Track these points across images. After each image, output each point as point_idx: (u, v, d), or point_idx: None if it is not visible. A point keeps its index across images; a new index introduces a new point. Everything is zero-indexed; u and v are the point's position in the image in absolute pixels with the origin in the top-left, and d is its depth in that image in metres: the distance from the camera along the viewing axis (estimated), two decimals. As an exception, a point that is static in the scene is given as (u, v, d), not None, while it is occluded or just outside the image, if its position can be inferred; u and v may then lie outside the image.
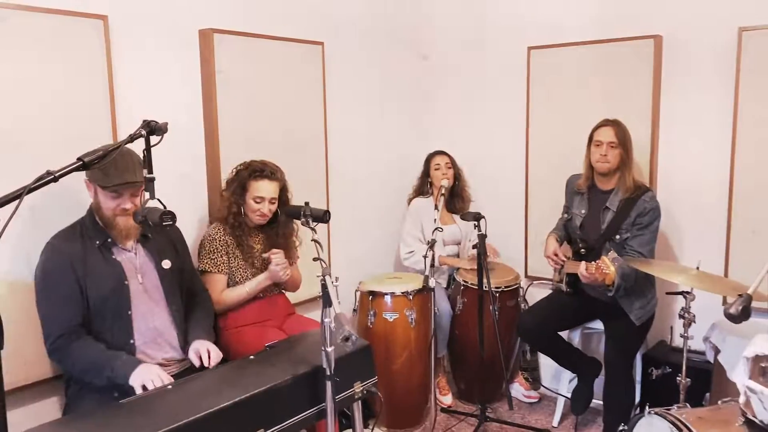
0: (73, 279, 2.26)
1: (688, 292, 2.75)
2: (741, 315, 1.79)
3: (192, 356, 2.40)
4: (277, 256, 2.82)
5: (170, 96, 2.88)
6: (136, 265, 2.42)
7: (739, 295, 1.82)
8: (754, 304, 1.90)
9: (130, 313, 2.35)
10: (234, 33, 3.04)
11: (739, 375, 2.28)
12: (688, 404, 2.72)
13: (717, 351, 2.91)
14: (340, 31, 3.68)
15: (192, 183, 3.04)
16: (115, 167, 2.19)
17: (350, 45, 3.77)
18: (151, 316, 2.41)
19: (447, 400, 3.84)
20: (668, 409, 2.46)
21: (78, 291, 2.26)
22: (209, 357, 2.37)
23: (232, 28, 3.04)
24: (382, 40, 4.00)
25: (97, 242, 2.33)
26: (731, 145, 3.26)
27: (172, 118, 2.09)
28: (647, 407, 2.50)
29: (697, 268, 2.69)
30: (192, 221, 3.00)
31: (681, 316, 2.78)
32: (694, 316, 2.76)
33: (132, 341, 2.34)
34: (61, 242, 2.30)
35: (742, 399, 2.12)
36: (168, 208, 1.98)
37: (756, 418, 1.52)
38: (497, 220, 3.90)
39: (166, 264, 2.49)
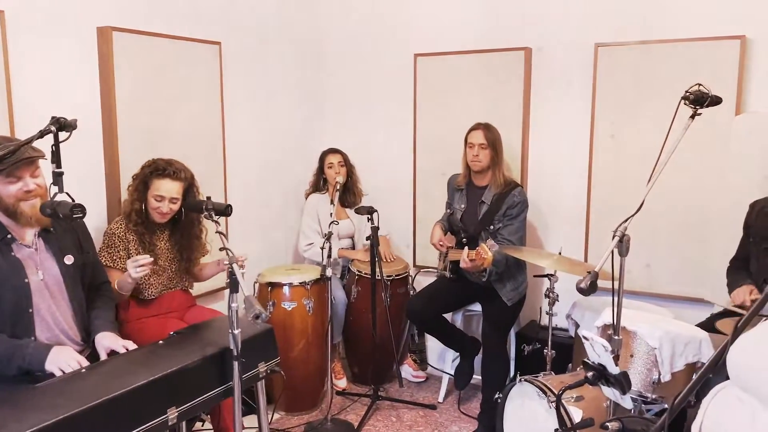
0: None
1: (552, 275, 3.16)
2: (589, 288, 2.13)
3: (101, 351, 2.42)
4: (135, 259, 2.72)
5: (69, 92, 2.91)
6: (37, 260, 2.38)
7: (588, 272, 2.17)
8: (602, 284, 2.27)
9: (31, 311, 2.32)
10: (133, 31, 3.10)
11: (592, 343, 2.68)
12: (552, 372, 3.13)
13: (577, 326, 3.34)
14: (236, 32, 3.80)
15: (90, 179, 3.05)
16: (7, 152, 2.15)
17: (246, 45, 3.89)
18: (53, 312, 2.39)
19: (342, 383, 4.06)
20: (536, 376, 2.83)
21: None
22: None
23: (131, 26, 3.09)
24: (277, 41, 4.15)
25: None
26: (589, 146, 3.71)
27: (70, 114, 2.12)
28: (518, 375, 2.87)
29: (559, 253, 3.10)
30: (89, 216, 3.00)
31: (546, 296, 3.18)
32: (557, 295, 3.17)
33: (33, 338, 2.32)
34: None
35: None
36: (77, 202, 2.07)
37: (589, 360, 1.88)
38: (388, 214, 4.21)
39: (69, 260, 2.47)
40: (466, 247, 3.30)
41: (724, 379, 1.70)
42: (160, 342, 2.39)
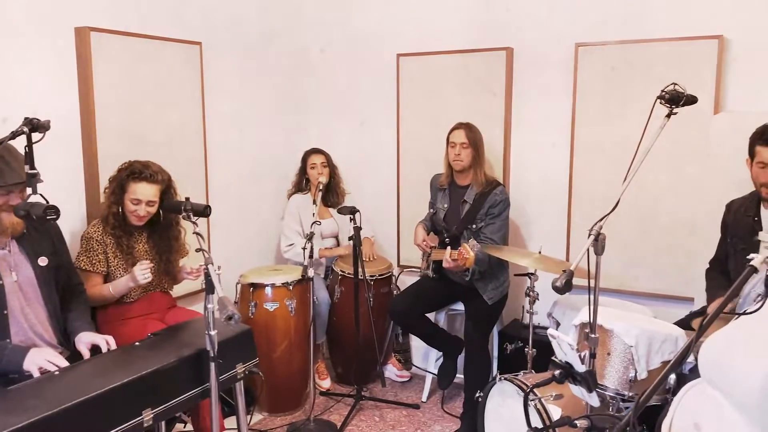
0: None
1: (532, 273, 3.17)
2: (564, 287, 2.13)
3: (83, 348, 2.42)
4: (142, 264, 2.79)
5: (47, 94, 2.88)
6: (10, 262, 2.39)
7: (563, 270, 2.18)
8: (582, 282, 2.28)
9: (6, 312, 2.32)
10: (111, 32, 3.08)
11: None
12: (533, 371, 3.14)
13: (558, 324, 3.35)
14: (217, 32, 3.78)
15: (69, 180, 3.03)
16: (6, 165, 2.20)
17: (227, 46, 3.88)
18: (27, 314, 2.40)
19: (326, 383, 4.06)
20: (515, 375, 2.84)
21: None
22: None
23: (109, 26, 3.08)
24: (259, 41, 4.14)
25: None
26: (570, 145, 3.73)
27: (48, 116, 2.12)
28: (498, 374, 2.87)
29: (539, 252, 3.11)
30: (69, 218, 2.99)
31: (527, 295, 3.19)
32: (538, 294, 3.18)
33: (8, 340, 2.32)
34: None
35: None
36: (51, 203, 2.06)
37: (556, 358, 1.90)
38: (371, 214, 4.21)
39: (43, 261, 2.48)
40: (449, 247, 3.31)
41: (698, 376, 1.72)
42: (136, 343, 2.38)
